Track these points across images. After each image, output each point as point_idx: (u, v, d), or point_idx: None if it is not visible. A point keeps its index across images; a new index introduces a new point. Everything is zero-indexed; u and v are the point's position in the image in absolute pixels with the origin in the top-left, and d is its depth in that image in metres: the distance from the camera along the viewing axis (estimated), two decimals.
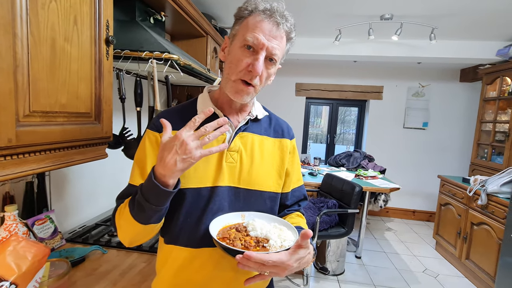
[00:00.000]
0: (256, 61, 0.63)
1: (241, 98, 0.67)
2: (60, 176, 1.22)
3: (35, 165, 0.68)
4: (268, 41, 0.63)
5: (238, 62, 0.64)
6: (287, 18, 0.65)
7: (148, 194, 0.56)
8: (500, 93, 2.88)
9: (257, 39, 0.62)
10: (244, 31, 0.64)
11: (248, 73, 0.64)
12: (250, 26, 0.63)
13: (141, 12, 1.32)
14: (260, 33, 0.62)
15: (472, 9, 2.19)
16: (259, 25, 0.63)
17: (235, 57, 0.65)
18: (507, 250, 1.98)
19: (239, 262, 0.51)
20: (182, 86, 2.13)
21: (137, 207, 0.58)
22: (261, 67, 0.63)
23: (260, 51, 0.63)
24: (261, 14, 0.63)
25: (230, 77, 0.66)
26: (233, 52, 0.66)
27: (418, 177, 3.97)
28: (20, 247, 0.67)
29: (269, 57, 0.65)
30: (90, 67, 0.82)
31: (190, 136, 0.54)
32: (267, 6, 0.64)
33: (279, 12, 0.64)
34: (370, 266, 2.69)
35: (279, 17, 0.63)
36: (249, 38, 0.62)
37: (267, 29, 0.63)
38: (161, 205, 0.57)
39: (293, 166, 0.79)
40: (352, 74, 3.98)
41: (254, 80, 0.65)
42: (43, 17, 0.65)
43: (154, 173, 0.56)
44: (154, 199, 0.56)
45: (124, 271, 0.97)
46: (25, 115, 0.63)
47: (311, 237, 0.54)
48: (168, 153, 0.54)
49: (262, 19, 0.63)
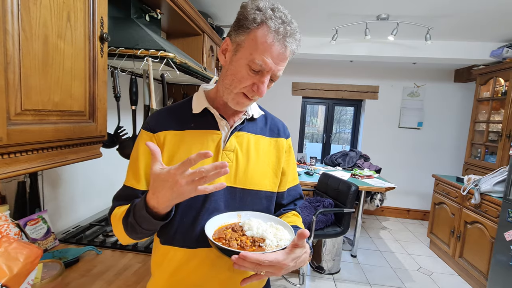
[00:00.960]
0: (261, 84, 0.63)
1: (242, 108, 0.68)
2: (53, 175, 1.20)
3: (27, 165, 0.67)
4: (275, 65, 0.61)
5: (242, 79, 0.63)
6: (296, 39, 0.62)
7: (140, 220, 0.57)
8: (494, 94, 2.92)
9: (266, 64, 0.60)
10: (252, 49, 0.60)
11: (252, 91, 0.64)
12: (259, 45, 0.59)
13: (137, 9, 1.31)
14: (269, 57, 0.60)
15: (467, 10, 2.22)
16: (269, 49, 0.59)
17: (240, 74, 0.63)
18: (499, 248, 2.01)
19: (235, 262, 0.51)
20: (178, 85, 2.12)
21: (130, 228, 0.60)
22: (265, 90, 0.64)
23: (266, 74, 0.62)
24: (271, 34, 0.59)
25: (232, 89, 0.65)
26: (237, 66, 0.63)
27: (413, 176, 4.01)
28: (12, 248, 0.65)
29: (273, 78, 0.65)
30: (84, 65, 0.80)
31: (185, 177, 0.50)
32: (280, 27, 0.59)
33: (291, 36, 0.61)
34: (365, 265, 2.71)
35: (288, 41, 0.61)
36: (257, 62, 0.60)
37: (276, 52, 0.60)
38: (153, 230, 0.60)
39: (289, 165, 0.78)
40: (348, 74, 3.99)
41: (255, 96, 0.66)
42: (35, 13, 0.63)
43: (146, 203, 0.56)
44: (146, 225, 0.57)
45: (119, 271, 0.96)
46: (16, 113, 0.61)
47: (307, 237, 0.54)
48: (161, 188, 0.52)
49: (273, 42, 0.59)
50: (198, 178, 0.50)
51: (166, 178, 0.51)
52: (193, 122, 0.69)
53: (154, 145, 0.54)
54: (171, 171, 0.51)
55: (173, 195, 0.52)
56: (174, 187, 0.51)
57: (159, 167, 0.53)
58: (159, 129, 0.68)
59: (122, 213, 0.63)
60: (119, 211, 0.65)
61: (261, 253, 0.52)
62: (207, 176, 0.50)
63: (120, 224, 0.62)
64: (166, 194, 0.52)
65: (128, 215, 0.60)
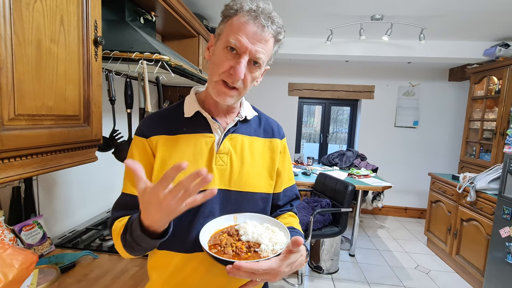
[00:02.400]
0: (238, 65, 0.61)
1: (224, 100, 0.66)
2: (48, 180, 1.19)
3: (21, 170, 0.66)
4: (252, 45, 0.60)
5: (220, 63, 0.63)
6: (274, 20, 0.62)
7: (138, 240, 0.55)
8: (487, 92, 2.95)
9: (240, 42, 0.60)
10: (228, 32, 0.62)
11: (230, 75, 0.62)
12: (234, 27, 0.61)
13: (131, 12, 1.30)
14: (244, 35, 0.60)
15: (459, 10, 2.24)
16: (243, 27, 0.60)
17: (218, 58, 0.63)
18: (495, 245, 2.03)
19: (229, 272, 0.50)
20: (174, 87, 2.11)
21: (129, 246, 0.58)
22: (242, 71, 0.61)
23: (243, 54, 0.61)
24: (246, 15, 0.60)
25: (212, 77, 0.65)
26: (216, 53, 0.64)
27: (410, 175, 4.04)
28: (6, 254, 0.64)
29: (253, 60, 0.62)
30: (78, 69, 0.80)
31: (166, 196, 0.46)
32: (252, 6, 0.61)
33: (264, 14, 0.61)
34: (363, 264, 2.72)
35: (264, 19, 0.60)
36: (231, 40, 0.60)
37: (251, 31, 0.60)
38: (153, 247, 0.59)
39: (284, 166, 0.78)
40: (344, 74, 4.01)
41: (237, 83, 0.63)
42: (28, 18, 0.63)
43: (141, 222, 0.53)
44: (144, 244, 0.55)
45: (116, 275, 0.96)
46: (10, 119, 0.61)
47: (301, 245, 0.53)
48: (149, 210, 0.50)
49: (246, 21, 0.60)
50: (182, 193, 0.47)
51: (150, 199, 0.48)
52: (185, 126, 0.69)
53: (133, 163, 0.48)
54: (152, 191, 0.47)
55: (162, 215, 0.49)
56: (160, 207, 0.48)
57: (143, 186, 0.48)
58: (151, 134, 0.68)
59: (120, 229, 0.61)
60: (119, 225, 0.63)
61: (255, 262, 0.51)
62: (189, 189, 0.46)
63: (119, 240, 0.61)
64: (155, 215, 0.50)
65: (125, 233, 0.58)
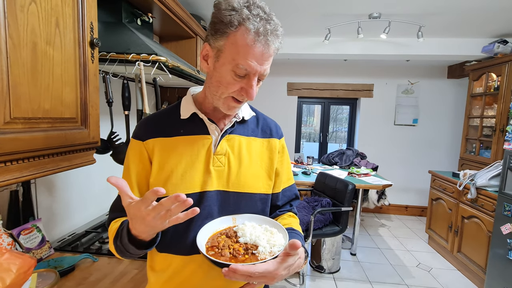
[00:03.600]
0: (250, 88, 0.61)
1: (233, 112, 0.68)
2: (47, 183, 1.19)
3: (18, 174, 0.66)
4: (260, 66, 0.59)
5: (229, 85, 0.61)
6: (278, 35, 0.59)
7: (127, 247, 0.57)
8: (486, 89, 2.94)
9: (251, 67, 0.58)
10: (233, 54, 0.58)
11: (241, 95, 0.63)
12: (240, 49, 0.57)
13: (128, 13, 1.30)
14: (253, 60, 0.57)
15: (457, 7, 2.24)
16: (251, 51, 0.57)
17: (225, 80, 0.61)
18: (496, 242, 2.02)
19: (225, 275, 0.50)
20: (172, 88, 2.11)
21: (119, 251, 0.60)
22: (255, 92, 0.62)
23: (253, 76, 0.60)
24: (251, 35, 0.56)
25: (220, 95, 0.63)
26: (222, 73, 0.61)
27: (410, 173, 4.04)
28: (4, 259, 0.64)
29: (260, 78, 0.63)
30: (74, 71, 0.79)
31: (149, 213, 0.49)
32: (259, 28, 0.56)
33: (271, 33, 0.57)
34: (365, 263, 2.71)
35: (270, 39, 0.58)
36: (242, 67, 0.58)
37: (259, 53, 0.57)
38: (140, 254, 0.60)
39: (282, 166, 0.77)
40: (343, 73, 4.01)
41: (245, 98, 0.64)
42: (23, 20, 0.63)
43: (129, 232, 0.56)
44: (132, 251, 0.58)
45: (115, 279, 0.95)
46: (5, 122, 0.60)
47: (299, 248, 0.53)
48: (135, 222, 0.52)
49: (254, 44, 0.56)
50: (164, 212, 0.49)
51: (134, 213, 0.50)
52: (182, 128, 0.68)
53: (116, 179, 0.50)
54: (135, 207, 0.49)
55: (146, 228, 0.52)
56: (143, 222, 0.50)
57: (128, 201, 0.50)
58: (147, 137, 0.68)
59: (113, 233, 0.63)
60: (114, 226, 0.65)
61: (251, 265, 0.51)
62: (170, 210, 0.48)
63: (111, 245, 0.63)
64: (140, 227, 0.52)
65: (117, 238, 0.60)
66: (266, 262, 0.53)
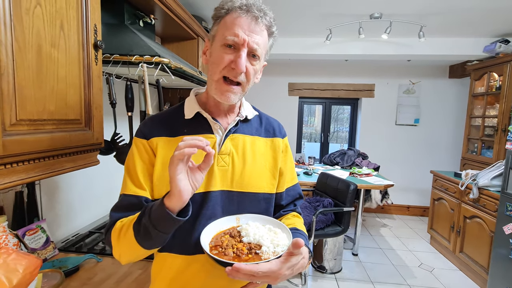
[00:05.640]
0: (238, 58, 0.61)
1: (228, 99, 0.65)
2: (51, 184, 1.20)
3: (24, 175, 0.67)
4: (248, 36, 0.61)
5: (219, 60, 0.63)
6: (265, 12, 0.64)
7: (157, 221, 0.54)
8: (488, 89, 2.94)
9: (237, 36, 0.61)
10: (223, 30, 0.63)
11: (232, 70, 0.63)
12: (228, 24, 0.62)
13: (130, 15, 1.31)
14: (239, 29, 0.61)
15: (458, 7, 2.24)
16: (237, 22, 0.61)
17: (216, 57, 0.64)
18: (499, 242, 2.02)
19: (229, 274, 0.50)
20: (174, 89, 2.12)
21: (144, 233, 0.56)
22: (244, 63, 0.62)
23: (242, 47, 0.62)
24: (238, 11, 0.62)
25: (213, 77, 0.65)
26: (214, 53, 0.65)
27: (411, 173, 4.03)
28: (11, 259, 0.65)
29: (252, 52, 0.63)
30: (78, 73, 0.80)
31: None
32: (243, 1, 0.62)
33: (256, 6, 0.62)
34: (367, 263, 2.71)
35: (256, 11, 0.62)
36: (228, 37, 0.61)
37: (245, 24, 0.61)
38: (170, 232, 0.57)
39: (286, 165, 0.77)
40: (344, 73, 4.01)
41: (239, 77, 0.63)
42: (28, 23, 0.63)
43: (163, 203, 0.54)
44: (162, 226, 0.54)
45: (119, 279, 0.96)
46: (11, 124, 0.61)
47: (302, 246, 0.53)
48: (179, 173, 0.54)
49: (239, 15, 0.62)
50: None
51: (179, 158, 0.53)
52: (186, 128, 0.69)
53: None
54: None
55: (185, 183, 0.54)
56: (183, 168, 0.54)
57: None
58: (152, 136, 0.68)
59: (132, 220, 0.59)
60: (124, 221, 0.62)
61: (254, 264, 0.51)
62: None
63: (127, 233, 0.58)
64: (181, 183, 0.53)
65: (141, 218, 0.56)
66: (270, 262, 0.53)
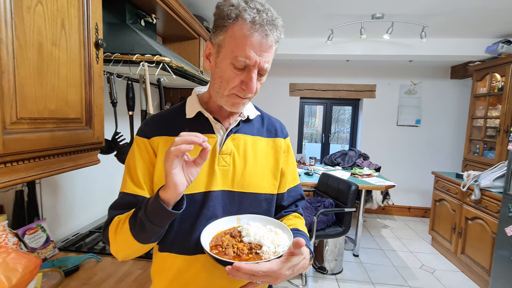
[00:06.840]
0: (250, 81, 0.60)
1: (237, 109, 0.67)
2: (51, 183, 1.20)
3: (24, 174, 0.66)
4: (259, 57, 0.59)
5: (229, 80, 0.61)
6: (276, 25, 0.59)
7: (152, 215, 0.54)
8: (490, 89, 2.93)
9: (249, 58, 0.58)
10: (232, 46, 0.59)
11: (242, 90, 0.62)
12: (238, 41, 0.58)
13: (132, 14, 1.31)
14: (251, 50, 0.57)
15: (460, 7, 2.23)
16: (248, 41, 0.57)
17: (226, 74, 0.61)
18: (501, 243, 2.01)
19: (229, 273, 0.50)
20: (175, 89, 2.11)
21: (139, 226, 0.56)
22: (255, 85, 0.61)
23: (253, 68, 0.60)
24: (247, 24, 0.57)
25: (222, 92, 0.64)
26: (222, 68, 0.61)
27: (413, 174, 4.01)
28: (10, 258, 0.64)
29: (261, 72, 0.62)
30: (79, 72, 0.80)
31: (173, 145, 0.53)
32: (255, 16, 0.57)
33: (268, 21, 0.57)
34: (368, 264, 2.70)
35: (268, 29, 0.58)
36: (240, 59, 0.58)
37: (257, 43, 0.57)
38: (164, 226, 0.57)
39: (287, 166, 0.77)
40: (345, 73, 4.00)
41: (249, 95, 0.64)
42: (29, 21, 0.63)
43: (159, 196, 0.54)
44: (157, 220, 0.55)
45: (119, 279, 0.95)
46: (12, 122, 0.61)
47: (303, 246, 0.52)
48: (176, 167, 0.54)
49: (251, 33, 0.57)
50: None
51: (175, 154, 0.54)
52: (187, 127, 0.68)
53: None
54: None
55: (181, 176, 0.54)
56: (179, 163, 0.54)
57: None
58: (153, 135, 0.67)
59: (128, 214, 0.60)
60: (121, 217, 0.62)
61: (255, 264, 0.51)
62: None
63: (123, 227, 0.59)
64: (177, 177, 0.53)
65: (137, 212, 0.57)
66: (270, 261, 0.53)
